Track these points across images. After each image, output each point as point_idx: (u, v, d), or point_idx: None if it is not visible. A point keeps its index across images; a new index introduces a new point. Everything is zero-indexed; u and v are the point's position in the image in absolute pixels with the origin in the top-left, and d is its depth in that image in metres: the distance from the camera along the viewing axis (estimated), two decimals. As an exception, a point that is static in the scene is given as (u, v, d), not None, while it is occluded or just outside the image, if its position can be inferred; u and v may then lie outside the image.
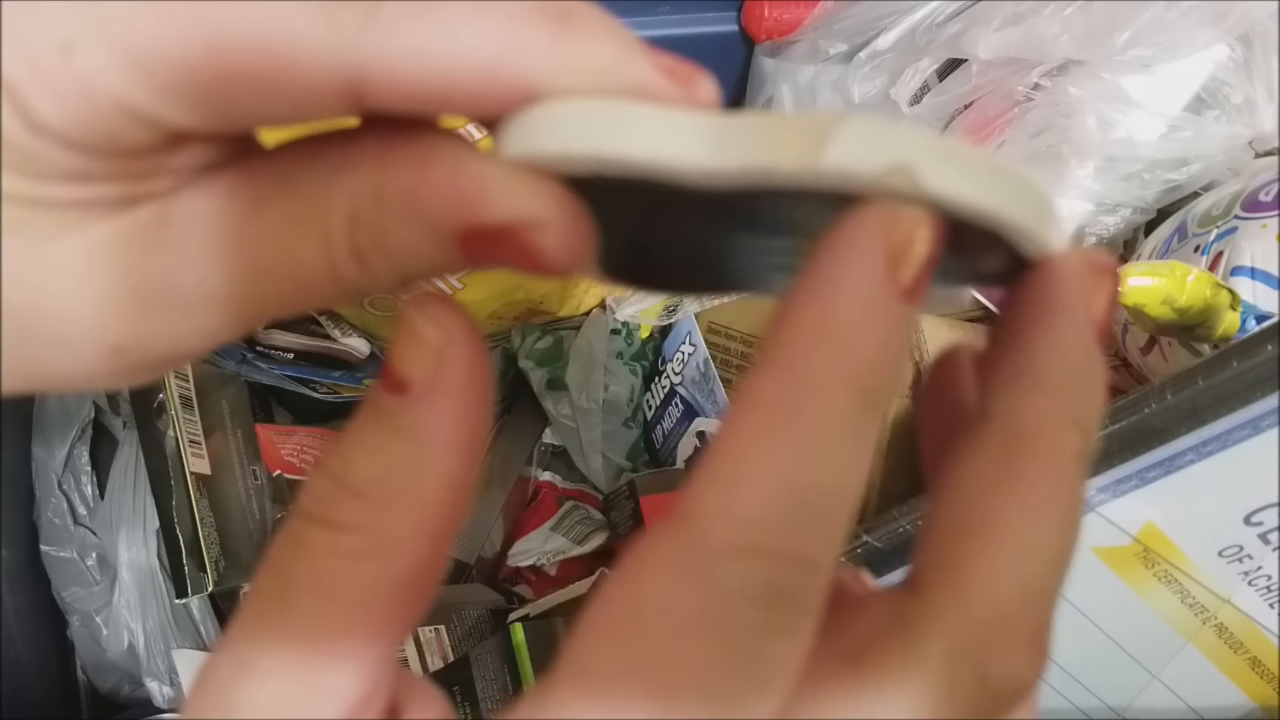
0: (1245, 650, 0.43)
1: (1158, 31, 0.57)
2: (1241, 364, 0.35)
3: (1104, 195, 0.61)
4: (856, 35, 0.69)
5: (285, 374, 0.68)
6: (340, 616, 0.18)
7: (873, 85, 0.68)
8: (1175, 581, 0.41)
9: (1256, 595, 0.41)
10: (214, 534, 0.59)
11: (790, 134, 0.16)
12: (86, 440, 0.58)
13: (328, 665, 0.18)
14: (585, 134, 0.17)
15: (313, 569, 0.18)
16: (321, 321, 0.69)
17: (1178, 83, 0.59)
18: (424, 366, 0.18)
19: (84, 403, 0.58)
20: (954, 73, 0.66)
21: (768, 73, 0.75)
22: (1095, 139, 0.59)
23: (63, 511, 0.56)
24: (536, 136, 0.17)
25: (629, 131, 0.17)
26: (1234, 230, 0.51)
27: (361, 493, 0.18)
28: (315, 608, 0.18)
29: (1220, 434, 0.37)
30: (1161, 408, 0.36)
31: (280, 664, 0.17)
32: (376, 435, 0.18)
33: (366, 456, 0.18)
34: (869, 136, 0.15)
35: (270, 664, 0.17)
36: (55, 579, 0.56)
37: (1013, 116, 0.63)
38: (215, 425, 0.62)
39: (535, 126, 0.17)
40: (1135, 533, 0.40)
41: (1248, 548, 0.40)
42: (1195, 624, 0.42)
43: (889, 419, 0.59)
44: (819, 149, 0.15)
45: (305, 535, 0.18)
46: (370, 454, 0.18)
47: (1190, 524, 0.40)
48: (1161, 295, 0.46)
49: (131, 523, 0.58)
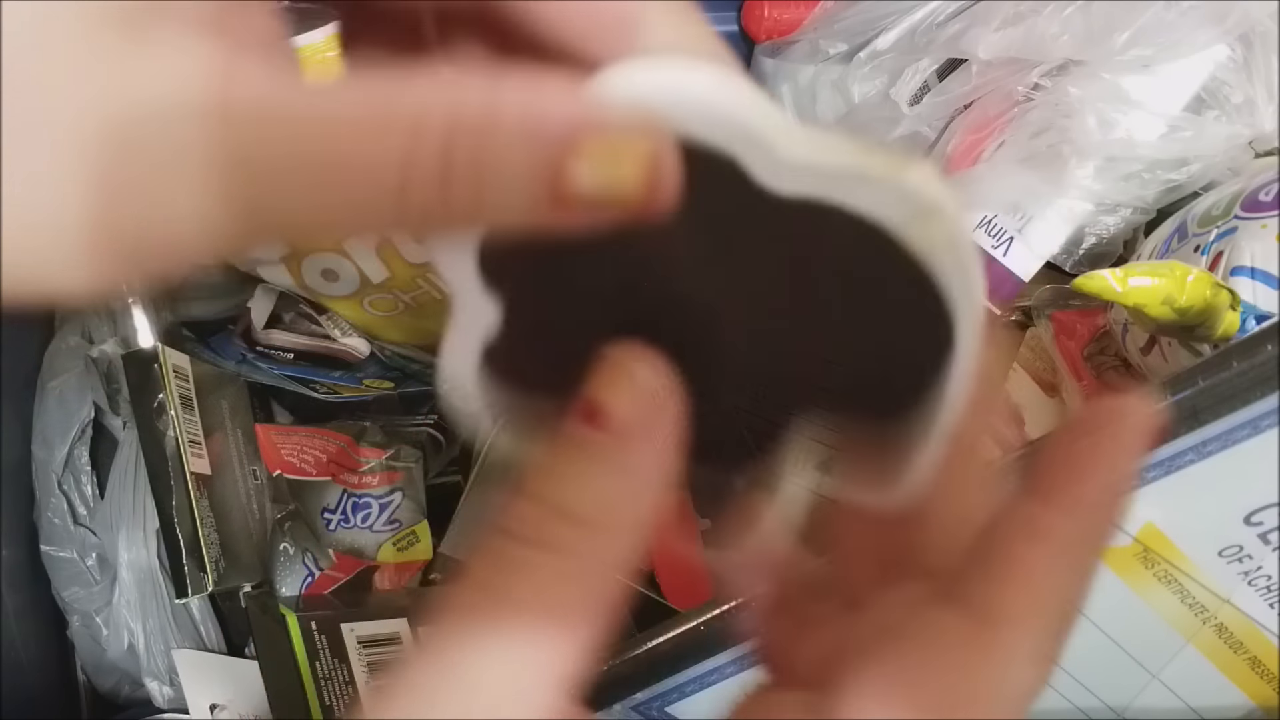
0: (1245, 650, 0.43)
1: (1158, 31, 0.57)
2: (1241, 364, 0.35)
3: (1104, 195, 0.61)
4: (856, 35, 0.69)
5: (285, 374, 0.68)
6: (561, 629, 0.19)
7: (873, 85, 0.68)
8: (1175, 581, 0.41)
9: (1256, 595, 0.41)
10: (214, 534, 0.59)
11: (874, 152, 0.17)
12: (86, 440, 0.58)
13: (550, 674, 0.19)
14: (707, 89, 0.17)
15: (534, 585, 0.19)
16: (321, 321, 0.69)
17: (1178, 83, 0.59)
18: (638, 407, 0.19)
19: (84, 403, 0.58)
20: (954, 73, 0.66)
21: (768, 73, 0.75)
22: (1095, 139, 0.59)
23: (63, 512, 0.56)
24: (651, 83, 0.17)
25: (748, 101, 0.17)
26: (1234, 230, 0.51)
27: (582, 520, 0.19)
28: (535, 623, 0.19)
29: (1220, 434, 0.37)
30: (1161, 408, 0.36)
31: (504, 674, 0.19)
32: (589, 466, 0.19)
33: (582, 486, 0.19)
34: (933, 174, 0.18)
35: (495, 673, 0.19)
36: (55, 579, 0.56)
37: (1013, 116, 0.63)
38: (215, 425, 0.62)
39: (649, 75, 0.17)
40: (1135, 533, 0.40)
41: (1248, 548, 0.40)
42: (1195, 624, 0.42)
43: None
44: (901, 169, 0.17)
45: (520, 556, 0.19)
46: (586, 483, 0.19)
47: (1190, 524, 0.40)
48: (1161, 295, 0.46)
49: (131, 523, 0.58)
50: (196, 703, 0.56)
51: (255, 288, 0.68)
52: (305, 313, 0.69)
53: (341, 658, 0.54)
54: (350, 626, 0.56)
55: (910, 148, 0.67)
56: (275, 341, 0.68)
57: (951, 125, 0.66)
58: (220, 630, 0.60)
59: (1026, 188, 0.62)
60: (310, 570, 0.64)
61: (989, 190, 0.63)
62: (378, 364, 0.71)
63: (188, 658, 0.58)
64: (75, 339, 0.60)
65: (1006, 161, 0.63)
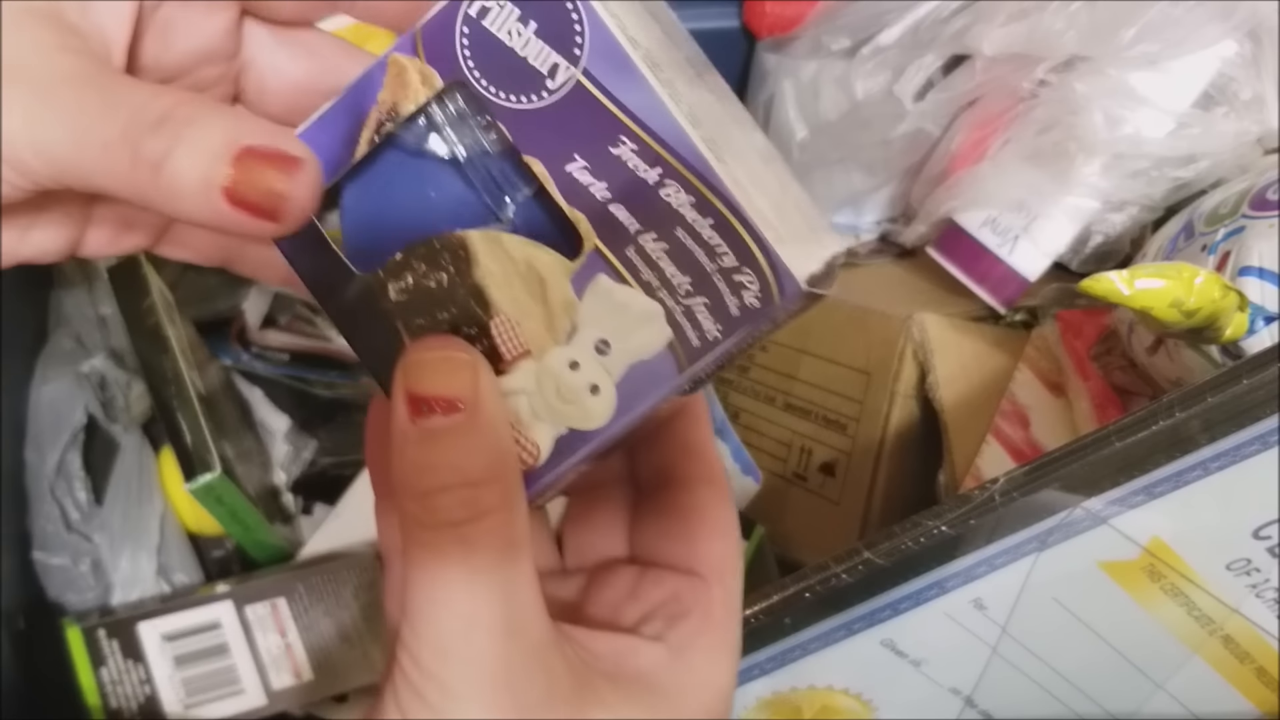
0: (1252, 660, 0.43)
1: (1164, 27, 0.57)
2: (1250, 380, 0.35)
3: (1111, 193, 0.61)
4: (860, 31, 0.68)
5: (282, 374, 0.68)
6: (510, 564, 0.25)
7: (876, 81, 0.67)
8: (1182, 594, 0.41)
9: (1264, 607, 0.41)
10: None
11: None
12: (78, 445, 0.57)
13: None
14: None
15: (484, 541, 0.25)
16: (317, 322, 0.69)
17: (1185, 79, 0.59)
18: (468, 381, 0.25)
19: (76, 408, 0.58)
20: (958, 69, 0.65)
21: (770, 69, 0.75)
22: (1102, 136, 0.58)
23: (55, 518, 0.56)
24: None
25: None
26: (1241, 229, 0.50)
27: (480, 481, 0.25)
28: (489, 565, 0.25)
29: (1229, 449, 0.36)
30: (1170, 424, 0.36)
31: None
32: (459, 442, 0.25)
33: (466, 456, 0.25)
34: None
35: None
36: (49, 585, 0.56)
37: (1018, 113, 0.62)
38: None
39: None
40: (1142, 547, 0.39)
41: (1255, 561, 0.40)
42: (1201, 635, 0.42)
43: (890, 425, 0.59)
44: None
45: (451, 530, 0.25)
46: (467, 454, 0.25)
47: (1198, 538, 0.39)
48: (1169, 298, 0.45)
49: (129, 530, 0.57)
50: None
51: (250, 289, 0.67)
52: (301, 314, 0.69)
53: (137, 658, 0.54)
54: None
55: (913, 144, 0.66)
56: (271, 342, 0.68)
57: (956, 122, 0.65)
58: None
59: (1032, 185, 0.62)
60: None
61: (994, 188, 0.62)
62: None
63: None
64: (69, 344, 0.60)
65: (1012, 159, 0.62)
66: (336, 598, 0.59)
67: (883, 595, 0.40)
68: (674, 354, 0.26)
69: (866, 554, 0.39)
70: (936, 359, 0.58)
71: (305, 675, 0.56)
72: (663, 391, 0.26)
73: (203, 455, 0.54)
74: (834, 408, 0.62)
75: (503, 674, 0.24)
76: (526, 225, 0.28)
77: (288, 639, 0.57)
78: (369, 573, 0.60)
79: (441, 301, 0.27)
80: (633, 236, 0.26)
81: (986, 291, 0.63)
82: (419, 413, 0.24)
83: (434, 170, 0.29)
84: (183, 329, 0.60)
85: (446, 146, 0.29)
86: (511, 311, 0.27)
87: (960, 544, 0.39)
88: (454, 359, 0.25)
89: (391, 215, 0.29)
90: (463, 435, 0.24)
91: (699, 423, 0.32)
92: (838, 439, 0.61)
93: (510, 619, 0.25)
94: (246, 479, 0.58)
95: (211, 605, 0.57)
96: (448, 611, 0.24)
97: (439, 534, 0.24)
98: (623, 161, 0.26)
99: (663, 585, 0.30)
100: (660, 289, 0.26)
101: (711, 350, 0.26)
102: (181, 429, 0.54)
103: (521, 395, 0.27)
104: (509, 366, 0.27)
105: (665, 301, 0.26)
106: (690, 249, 0.26)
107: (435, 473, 0.24)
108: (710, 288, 0.26)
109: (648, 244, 0.26)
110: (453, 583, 0.24)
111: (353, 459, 0.67)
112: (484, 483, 0.24)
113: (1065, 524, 0.39)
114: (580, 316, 0.26)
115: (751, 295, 0.25)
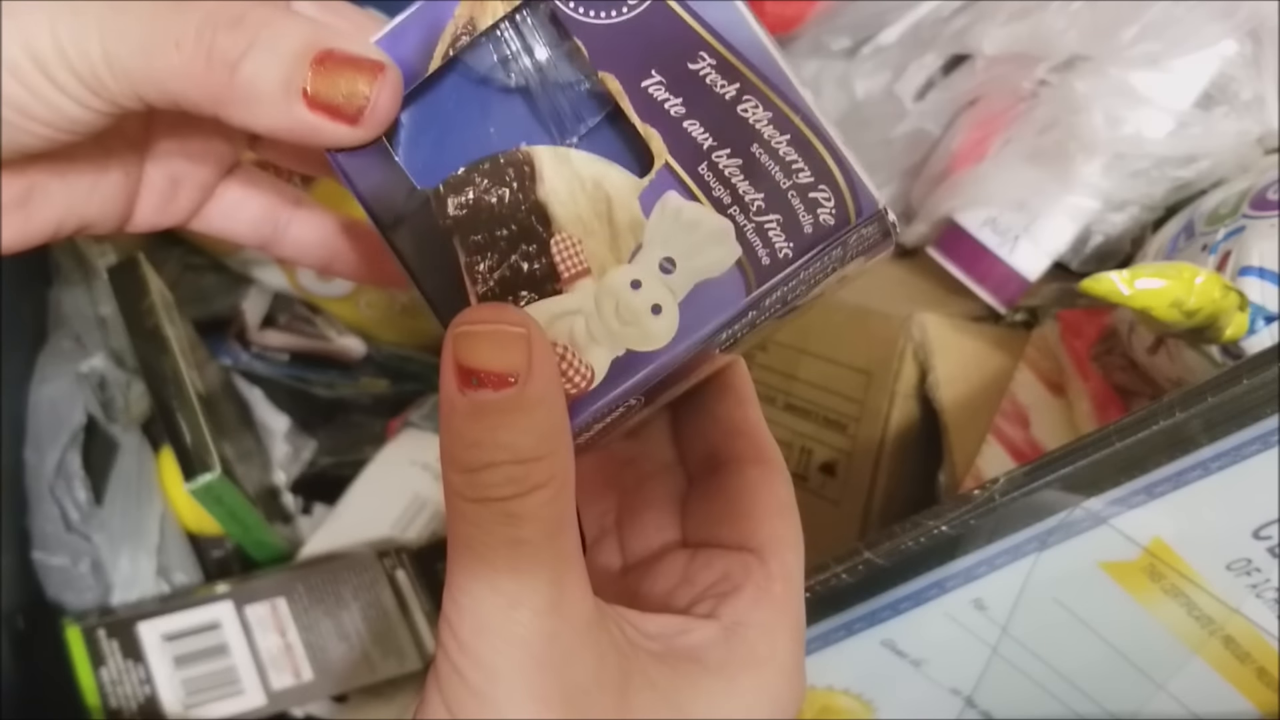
0: (1252, 660, 0.43)
1: (1166, 27, 0.57)
2: (1251, 380, 0.35)
3: (1112, 193, 0.60)
4: (860, 30, 0.68)
5: (282, 374, 0.68)
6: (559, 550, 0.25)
7: (877, 81, 0.67)
8: (1182, 594, 0.41)
9: (1264, 607, 0.41)
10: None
11: None
12: (78, 445, 0.57)
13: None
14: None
15: (535, 521, 0.24)
16: (316, 322, 0.69)
17: (1186, 79, 0.58)
18: (521, 355, 0.23)
19: (75, 407, 0.57)
20: (959, 68, 0.65)
21: (769, 67, 0.74)
22: (1103, 135, 0.58)
23: (55, 518, 0.56)
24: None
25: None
26: (1242, 229, 0.50)
27: (532, 457, 0.23)
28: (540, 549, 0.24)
29: (1229, 449, 0.36)
30: (1170, 424, 0.36)
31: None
32: (509, 419, 0.23)
33: (520, 433, 0.23)
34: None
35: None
36: (48, 585, 0.56)
37: (1019, 113, 0.62)
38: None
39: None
40: (1143, 547, 0.39)
41: (1256, 561, 0.40)
42: (1202, 635, 0.42)
43: (890, 425, 0.59)
44: None
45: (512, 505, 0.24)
46: (520, 435, 0.23)
47: (1198, 538, 0.39)
48: (1170, 298, 0.45)
49: (129, 530, 0.57)
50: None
51: (250, 289, 0.67)
52: (300, 314, 0.69)
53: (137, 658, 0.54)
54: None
55: (913, 144, 0.66)
56: (270, 342, 0.68)
57: (957, 121, 0.65)
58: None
59: (1033, 185, 0.61)
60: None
61: (995, 187, 0.62)
62: (373, 364, 0.71)
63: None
64: (68, 343, 0.60)
65: (1013, 158, 0.62)
66: (336, 598, 0.59)
67: (883, 595, 0.40)
68: (743, 272, 0.25)
69: (866, 554, 0.39)
70: (937, 359, 0.58)
71: (305, 675, 0.56)
72: (728, 313, 0.26)
73: (202, 455, 0.54)
74: (834, 408, 0.62)
75: (546, 654, 0.24)
76: (596, 144, 0.28)
77: (288, 639, 0.57)
78: (369, 573, 0.60)
79: (501, 218, 0.27)
80: (706, 153, 0.26)
81: (987, 291, 0.63)
82: (468, 384, 0.23)
83: (505, 86, 0.28)
84: (182, 329, 0.60)
85: (519, 62, 0.28)
86: (574, 229, 0.26)
87: (960, 544, 0.39)
88: (506, 332, 0.23)
89: (455, 131, 0.28)
90: (513, 412, 0.23)
91: (746, 403, 0.32)
92: (838, 439, 0.61)
93: (555, 598, 0.24)
94: (246, 479, 0.58)
95: (211, 605, 0.57)
96: (491, 589, 0.24)
97: (484, 509, 0.24)
98: (700, 77, 0.26)
99: (713, 566, 0.30)
100: (732, 206, 0.25)
101: (780, 270, 0.25)
102: (181, 429, 0.54)
103: (578, 316, 0.26)
104: (566, 285, 0.26)
105: (736, 218, 0.25)
106: (765, 165, 0.25)
107: (482, 449, 0.23)
108: (784, 204, 0.25)
109: (721, 160, 0.25)
110: (497, 559, 0.24)
111: (352, 459, 0.67)
112: (533, 460, 0.23)
113: (1065, 524, 0.39)
114: (646, 235, 0.26)
115: (826, 212, 0.25)
